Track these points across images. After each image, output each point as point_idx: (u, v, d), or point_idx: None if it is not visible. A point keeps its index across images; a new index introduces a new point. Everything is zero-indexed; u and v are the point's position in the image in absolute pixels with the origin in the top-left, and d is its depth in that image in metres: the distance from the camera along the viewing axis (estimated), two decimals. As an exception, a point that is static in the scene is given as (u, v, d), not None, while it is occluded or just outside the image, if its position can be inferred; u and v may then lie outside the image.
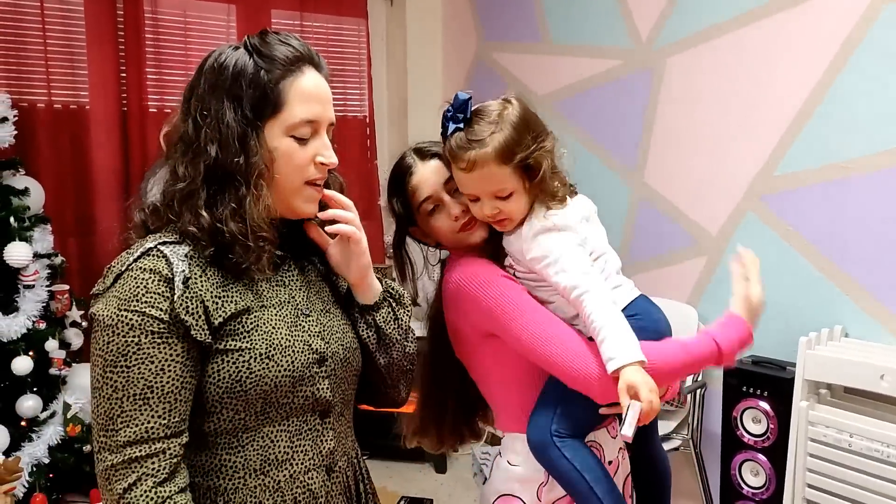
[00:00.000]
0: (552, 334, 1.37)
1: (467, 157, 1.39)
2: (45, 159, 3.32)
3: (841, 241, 2.57)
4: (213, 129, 1.15)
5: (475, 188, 1.42)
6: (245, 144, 1.15)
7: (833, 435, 2.35)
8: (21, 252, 2.88)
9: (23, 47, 3.28)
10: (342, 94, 4.21)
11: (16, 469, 2.71)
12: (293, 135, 1.19)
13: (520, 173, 1.41)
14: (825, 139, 2.59)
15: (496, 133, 1.39)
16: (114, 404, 1.08)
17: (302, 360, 1.21)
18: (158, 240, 1.16)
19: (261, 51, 1.19)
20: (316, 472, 1.24)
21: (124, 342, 1.09)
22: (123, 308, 1.10)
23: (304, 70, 1.21)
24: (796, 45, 2.65)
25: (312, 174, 1.23)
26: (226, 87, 1.17)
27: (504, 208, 1.42)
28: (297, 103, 1.19)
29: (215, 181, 1.15)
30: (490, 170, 1.39)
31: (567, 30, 3.55)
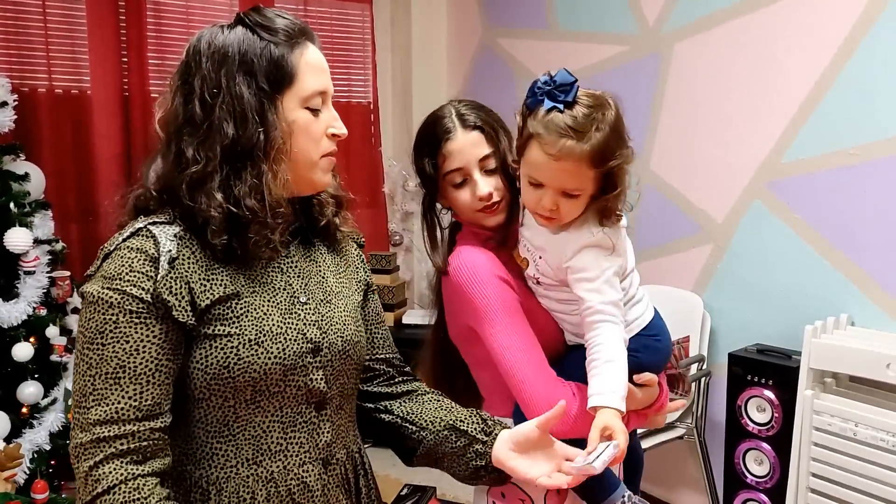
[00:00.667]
0: (520, 351, 1.37)
1: (562, 144, 1.27)
2: (46, 144, 3.31)
3: (847, 229, 2.54)
4: (227, 105, 1.12)
5: (550, 177, 1.31)
6: (264, 117, 1.13)
7: (838, 424, 2.33)
8: (21, 238, 2.87)
9: (23, 31, 3.27)
10: (346, 80, 4.19)
11: (17, 456, 2.70)
12: (307, 106, 1.18)
13: (599, 181, 1.33)
14: (833, 126, 2.56)
15: (598, 132, 1.28)
16: (87, 382, 1.07)
17: (294, 348, 1.18)
18: (149, 220, 1.14)
19: (263, 24, 1.17)
20: (312, 465, 1.21)
21: (102, 320, 1.08)
22: (106, 286, 1.09)
23: (307, 43, 1.20)
24: (804, 30, 2.62)
25: (327, 147, 1.22)
26: (235, 62, 1.14)
27: (563, 207, 1.33)
28: (309, 74, 1.18)
29: (232, 160, 1.13)
30: (579, 167, 1.29)
31: (574, 15, 3.51)
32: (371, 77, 4.25)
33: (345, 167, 4.20)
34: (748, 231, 2.85)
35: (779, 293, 2.75)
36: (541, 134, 1.29)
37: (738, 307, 2.89)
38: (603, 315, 1.31)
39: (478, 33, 4.10)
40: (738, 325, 2.89)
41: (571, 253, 1.35)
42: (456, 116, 1.47)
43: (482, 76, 4.09)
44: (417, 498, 3.01)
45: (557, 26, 3.59)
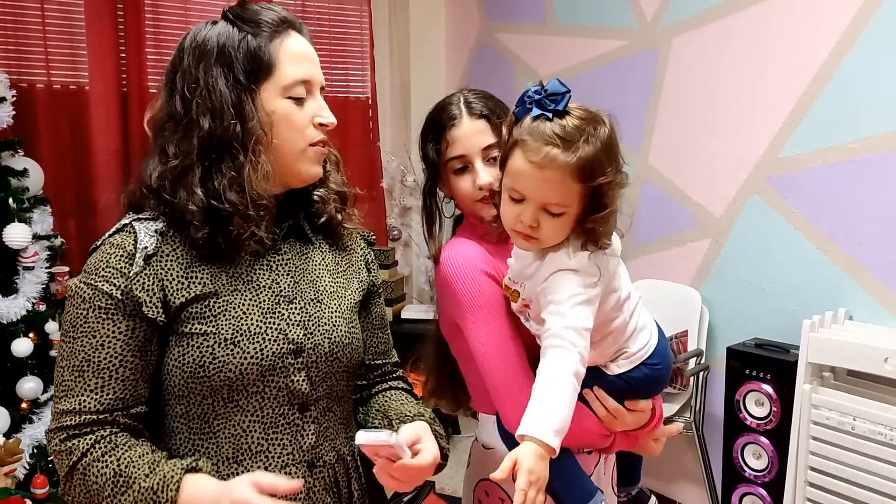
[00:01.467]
0: (496, 349, 1.35)
1: (546, 151, 1.17)
2: (45, 140, 3.30)
3: (846, 224, 2.54)
4: (204, 99, 1.13)
5: (532, 188, 1.20)
6: (241, 110, 1.13)
7: (836, 418, 2.33)
8: (20, 233, 2.87)
9: (22, 27, 3.26)
10: (344, 76, 4.18)
11: (16, 451, 2.70)
12: (289, 96, 1.18)
13: (585, 200, 1.21)
14: (831, 120, 2.56)
15: (587, 145, 1.18)
16: (58, 373, 1.11)
17: (273, 348, 1.16)
18: (135, 217, 1.16)
19: (244, 17, 1.18)
20: (295, 467, 1.19)
21: (75, 314, 1.11)
22: (83, 280, 1.12)
23: (290, 32, 1.20)
24: (802, 24, 2.61)
25: (314, 135, 1.21)
26: (213, 56, 1.15)
27: (545, 226, 1.22)
28: (289, 63, 1.17)
29: (210, 154, 1.13)
30: (563, 179, 1.18)
31: (572, 9, 3.51)
32: (369, 72, 4.24)
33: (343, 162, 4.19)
34: (746, 225, 2.85)
35: (777, 287, 2.76)
36: (525, 141, 1.19)
37: (736, 301, 2.90)
38: (559, 340, 1.17)
39: (476, 28, 4.10)
40: (737, 319, 2.89)
41: (544, 276, 1.25)
42: (464, 104, 1.46)
43: (480, 71, 4.09)
44: (416, 493, 3.02)
45: (556, 21, 3.59)
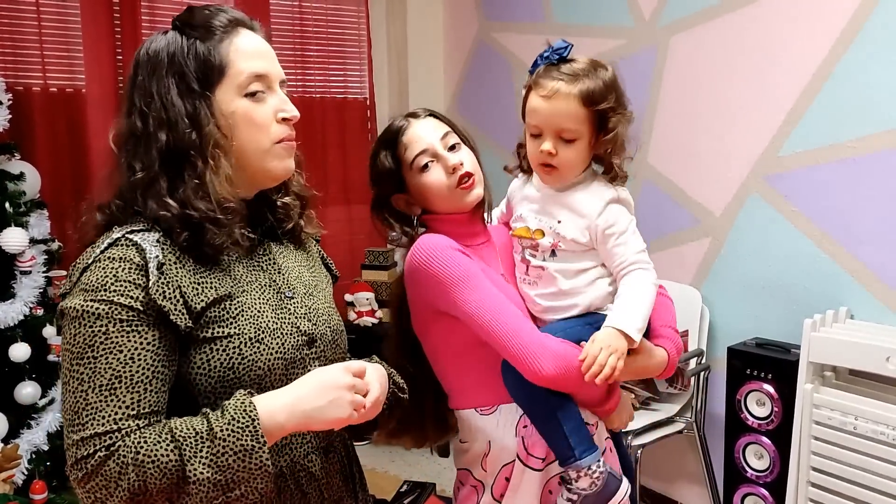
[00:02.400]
0: (495, 307, 1.38)
1: (551, 85, 1.41)
2: (41, 143, 3.30)
3: (846, 222, 2.53)
4: (158, 112, 1.12)
5: (545, 119, 1.42)
6: (195, 118, 1.12)
7: (838, 418, 2.32)
8: (17, 238, 2.86)
9: (17, 30, 3.26)
10: (342, 76, 4.18)
11: (14, 456, 2.70)
12: (246, 93, 1.16)
13: (593, 124, 1.42)
14: (831, 118, 2.55)
15: (590, 80, 1.41)
16: (79, 398, 1.03)
17: (291, 342, 1.19)
18: (126, 229, 1.12)
19: (192, 23, 1.17)
20: (314, 455, 1.23)
21: (91, 332, 1.04)
22: (90, 299, 1.06)
23: (240, 31, 1.18)
24: (801, 22, 2.60)
25: (279, 132, 1.19)
26: (164, 67, 1.14)
27: (562, 153, 1.42)
28: (241, 61, 1.16)
29: (172, 164, 1.12)
30: (568, 105, 1.39)
31: (570, 8, 3.50)
32: (367, 73, 4.23)
33: (341, 164, 4.20)
34: (746, 224, 2.84)
35: (777, 287, 2.74)
36: (537, 82, 1.43)
37: (736, 301, 2.89)
38: (637, 265, 1.43)
39: (474, 27, 4.09)
40: (737, 318, 2.88)
41: (598, 210, 1.43)
42: (404, 117, 1.52)
43: (479, 70, 4.08)
44: (417, 494, 3.01)
45: (554, 20, 3.58)
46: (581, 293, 1.47)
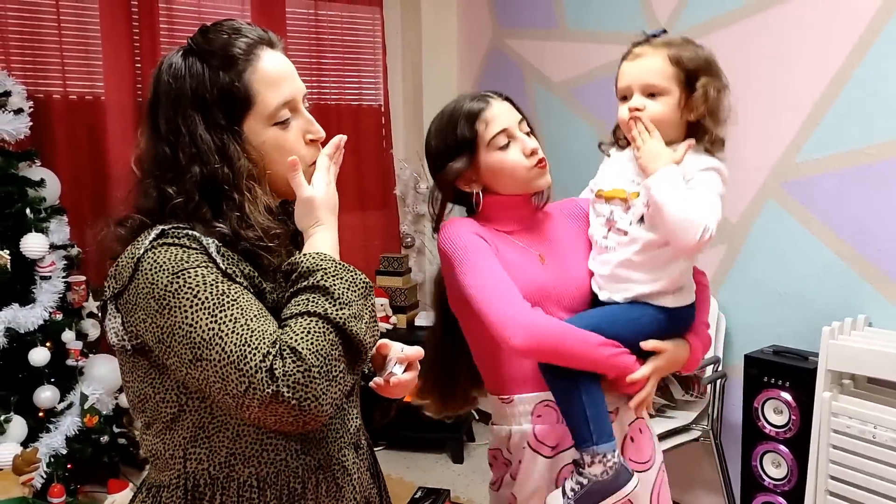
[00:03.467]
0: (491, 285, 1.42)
1: (640, 49, 1.46)
2: (61, 150, 3.34)
3: (864, 229, 2.52)
4: (188, 147, 1.11)
5: (631, 79, 1.45)
6: (225, 153, 1.11)
7: (856, 426, 2.31)
8: (37, 243, 2.89)
9: (38, 39, 3.30)
10: (357, 84, 4.20)
11: (33, 460, 2.72)
12: (275, 122, 1.15)
13: (681, 83, 1.43)
14: (848, 125, 2.54)
15: (677, 45, 1.45)
16: (243, 333, 1.00)
17: None
18: (169, 225, 1.11)
19: (209, 50, 1.13)
20: (347, 450, 1.25)
21: (206, 286, 1.03)
22: (176, 272, 1.04)
23: (261, 54, 1.15)
24: (818, 29, 2.60)
25: (310, 156, 1.19)
26: (189, 100, 1.12)
27: (650, 108, 1.43)
28: (267, 90, 1.14)
29: (209, 196, 1.12)
30: (654, 61, 1.43)
31: (583, 15, 3.50)
32: (382, 80, 4.25)
33: (356, 169, 4.22)
34: (763, 231, 2.83)
35: (794, 294, 2.73)
36: (630, 51, 1.48)
37: (753, 308, 2.87)
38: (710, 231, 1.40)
39: (488, 34, 4.10)
40: (754, 326, 2.87)
41: (695, 170, 1.41)
42: (483, 94, 1.55)
43: (493, 77, 4.08)
44: (431, 501, 3.01)
45: (567, 27, 3.58)
46: (646, 274, 1.47)
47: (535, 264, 1.53)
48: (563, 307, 1.51)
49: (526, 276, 1.48)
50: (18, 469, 2.69)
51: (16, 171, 2.94)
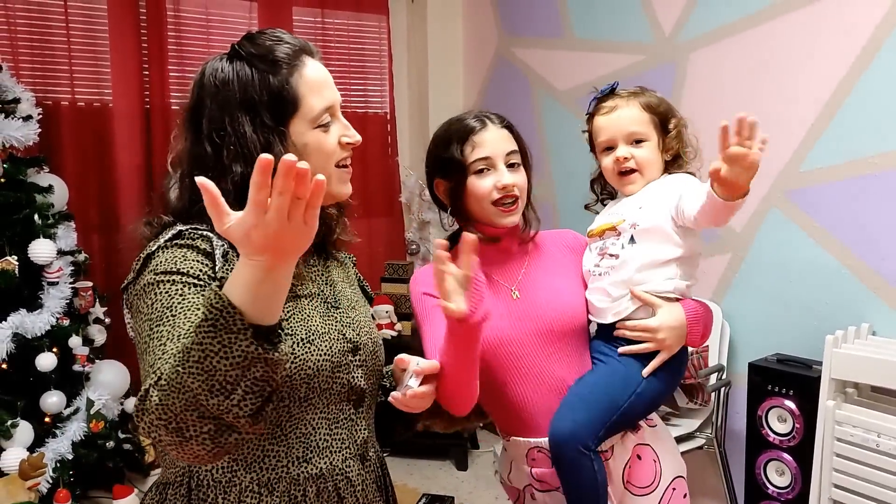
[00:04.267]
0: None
1: (611, 103, 1.56)
2: (69, 157, 3.37)
3: (868, 238, 2.52)
4: (234, 146, 1.14)
5: (614, 130, 1.55)
6: (271, 152, 1.12)
7: (860, 434, 2.31)
8: (45, 249, 2.91)
9: (47, 46, 3.33)
10: (363, 91, 4.22)
11: (40, 465, 2.73)
12: (317, 125, 1.20)
13: (657, 127, 1.56)
14: (852, 134, 2.55)
15: (643, 94, 1.58)
16: (158, 353, 1.00)
17: (338, 347, 1.22)
18: (190, 226, 1.15)
19: (257, 55, 1.19)
20: (352, 461, 1.25)
21: (167, 297, 1.05)
22: (161, 273, 1.08)
23: (305, 61, 1.21)
24: (822, 38, 2.61)
25: (340, 155, 1.24)
26: (237, 101, 1.16)
27: (637, 155, 1.53)
28: (312, 95, 1.19)
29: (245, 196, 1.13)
30: (631, 111, 1.54)
31: (589, 24, 3.52)
32: (388, 87, 4.28)
33: (361, 177, 4.23)
34: (767, 240, 2.83)
35: (799, 302, 2.73)
36: (597, 109, 1.59)
37: (757, 316, 2.88)
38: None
39: (493, 43, 4.12)
40: (758, 334, 2.87)
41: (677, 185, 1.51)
42: (486, 114, 1.57)
43: (498, 85, 4.10)
44: (436, 507, 3.02)
45: (573, 35, 3.60)
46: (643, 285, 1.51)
47: (505, 301, 1.54)
48: (542, 339, 1.52)
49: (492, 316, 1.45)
50: (25, 474, 2.71)
51: (24, 178, 2.97)
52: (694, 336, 1.51)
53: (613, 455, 1.53)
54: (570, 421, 1.44)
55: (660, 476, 1.56)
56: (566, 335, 1.54)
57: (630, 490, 1.54)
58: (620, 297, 1.51)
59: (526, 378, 1.51)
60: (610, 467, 1.52)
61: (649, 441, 1.57)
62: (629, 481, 1.54)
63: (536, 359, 1.51)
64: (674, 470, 1.59)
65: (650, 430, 1.59)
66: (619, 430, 1.51)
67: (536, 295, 1.55)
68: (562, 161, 3.70)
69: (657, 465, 1.56)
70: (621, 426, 1.50)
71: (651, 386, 1.49)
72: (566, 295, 1.57)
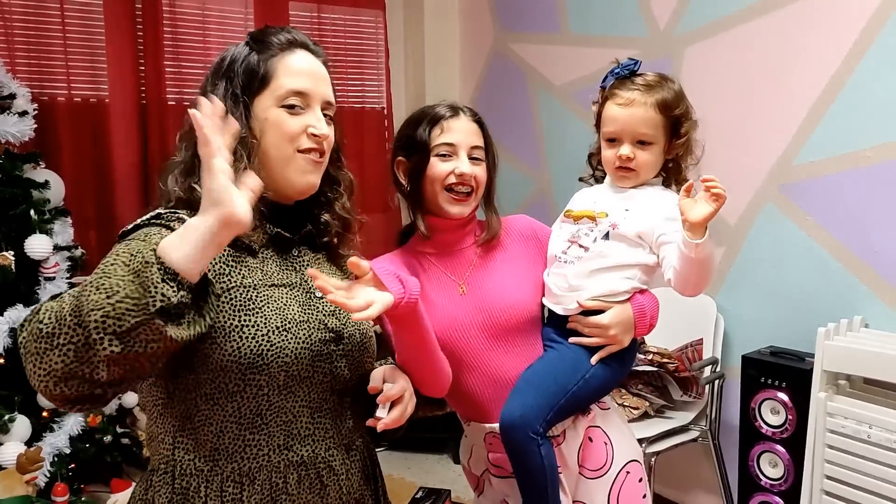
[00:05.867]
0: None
1: (628, 95, 1.51)
2: (65, 152, 3.37)
3: (861, 231, 2.54)
4: None
5: (623, 125, 1.51)
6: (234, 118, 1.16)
7: (852, 426, 2.32)
8: (41, 244, 2.92)
9: (43, 42, 3.33)
10: (360, 86, 4.22)
11: (37, 459, 2.74)
12: (283, 104, 1.24)
13: (667, 130, 1.53)
14: (845, 127, 2.56)
15: (661, 88, 1.52)
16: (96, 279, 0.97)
17: (318, 336, 1.23)
18: (169, 210, 1.19)
19: (258, 38, 1.28)
20: (336, 450, 1.26)
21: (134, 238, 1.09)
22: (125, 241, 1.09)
23: (296, 51, 1.28)
24: (816, 32, 2.61)
25: (304, 143, 1.25)
26: (221, 72, 1.26)
27: (639, 157, 1.51)
28: (285, 76, 1.25)
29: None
30: (646, 112, 1.50)
31: (585, 20, 3.53)
32: (384, 82, 4.28)
33: (358, 171, 4.20)
34: (761, 233, 2.84)
35: (792, 295, 2.75)
36: (615, 92, 1.53)
37: (751, 309, 2.89)
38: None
39: (490, 38, 4.12)
40: (752, 327, 2.88)
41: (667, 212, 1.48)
42: (460, 106, 1.58)
43: (495, 80, 4.11)
44: (432, 501, 3.03)
45: (569, 30, 3.61)
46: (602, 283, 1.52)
47: (452, 296, 1.55)
48: (488, 334, 1.53)
49: (438, 311, 1.50)
50: (22, 468, 2.72)
51: (20, 173, 2.96)
52: (641, 328, 1.54)
53: (566, 439, 1.55)
54: (518, 406, 1.46)
55: (612, 458, 1.57)
56: (514, 329, 1.55)
57: (583, 474, 1.56)
58: (577, 290, 1.53)
59: (476, 371, 1.53)
60: (563, 452, 1.54)
61: (600, 423, 1.59)
62: (582, 464, 1.55)
63: (485, 353, 1.53)
64: (627, 454, 1.61)
65: (601, 413, 1.61)
66: (568, 415, 1.52)
67: (483, 290, 1.56)
68: (558, 156, 3.71)
69: (609, 447, 1.58)
70: (570, 410, 1.52)
71: (599, 372, 1.52)
72: (513, 289, 1.57)
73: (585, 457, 1.56)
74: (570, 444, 1.55)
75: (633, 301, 1.53)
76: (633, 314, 1.52)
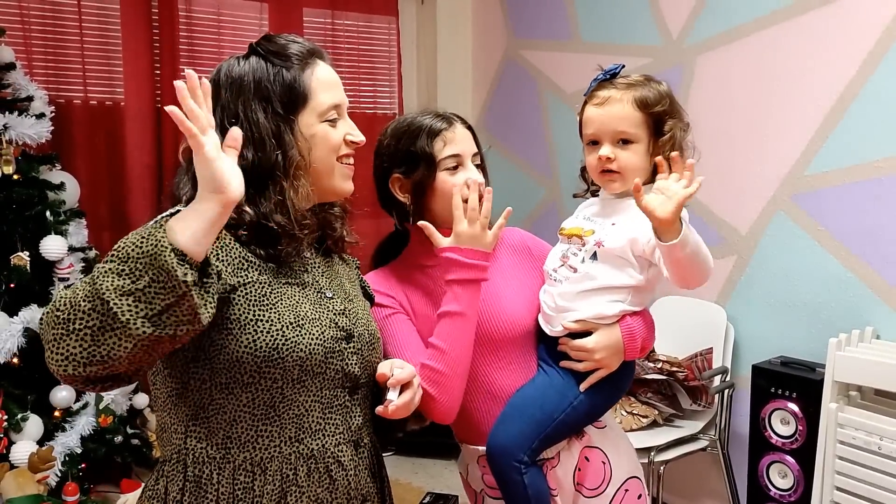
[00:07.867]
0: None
1: (604, 94, 1.45)
2: (81, 154, 3.40)
3: (873, 242, 2.53)
4: (246, 132, 1.17)
5: (599, 126, 1.45)
6: (280, 139, 1.22)
7: (863, 437, 2.31)
8: (56, 245, 2.94)
9: (60, 45, 3.36)
10: (372, 92, 4.24)
11: (49, 458, 2.76)
12: (325, 119, 1.28)
13: (649, 128, 1.44)
14: (857, 138, 2.55)
15: (644, 86, 1.45)
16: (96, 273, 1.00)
17: (330, 333, 1.26)
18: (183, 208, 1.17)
19: (273, 51, 1.27)
20: (345, 446, 1.28)
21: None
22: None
23: (317, 62, 1.30)
24: (829, 43, 2.62)
25: (344, 151, 1.31)
26: (251, 91, 1.24)
27: (621, 157, 1.43)
28: (322, 91, 1.28)
29: (254, 182, 1.19)
30: (622, 108, 1.43)
31: (597, 28, 3.54)
32: (397, 88, 4.29)
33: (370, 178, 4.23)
34: (772, 243, 2.84)
35: (803, 305, 2.74)
36: (592, 94, 1.48)
37: (761, 319, 2.89)
38: None
39: (502, 45, 4.14)
40: (762, 337, 2.88)
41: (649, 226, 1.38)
42: (447, 114, 1.56)
43: (506, 87, 4.12)
44: (440, 505, 3.04)
45: (581, 38, 3.62)
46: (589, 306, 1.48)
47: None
48: (484, 349, 1.50)
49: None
50: (34, 467, 2.74)
51: (36, 175, 2.99)
52: (631, 352, 1.49)
53: (560, 461, 1.53)
54: (502, 435, 1.46)
55: (610, 477, 1.56)
56: (508, 344, 1.53)
57: (581, 492, 1.55)
58: (565, 312, 1.49)
59: (470, 385, 1.49)
60: (558, 474, 1.53)
61: (597, 443, 1.57)
62: (580, 483, 1.54)
63: (479, 368, 1.50)
64: (626, 470, 1.59)
65: (598, 433, 1.58)
66: (557, 441, 1.50)
67: (488, 299, 1.53)
68: (569, 163, 3.71)
69: (606, 466, 1.56)
70: (559, 437, 1.50)
71: (589, 399, 1.49)
72: (507, 303, 1.54)
73: (583, 476, 1.55)
74: (566, 465, 1.54)
75: (623, 324, 1.48)
76: (621, 337, 1.48)
